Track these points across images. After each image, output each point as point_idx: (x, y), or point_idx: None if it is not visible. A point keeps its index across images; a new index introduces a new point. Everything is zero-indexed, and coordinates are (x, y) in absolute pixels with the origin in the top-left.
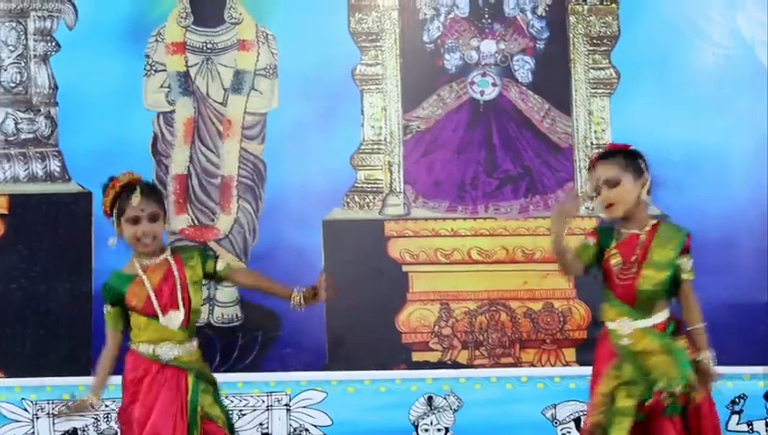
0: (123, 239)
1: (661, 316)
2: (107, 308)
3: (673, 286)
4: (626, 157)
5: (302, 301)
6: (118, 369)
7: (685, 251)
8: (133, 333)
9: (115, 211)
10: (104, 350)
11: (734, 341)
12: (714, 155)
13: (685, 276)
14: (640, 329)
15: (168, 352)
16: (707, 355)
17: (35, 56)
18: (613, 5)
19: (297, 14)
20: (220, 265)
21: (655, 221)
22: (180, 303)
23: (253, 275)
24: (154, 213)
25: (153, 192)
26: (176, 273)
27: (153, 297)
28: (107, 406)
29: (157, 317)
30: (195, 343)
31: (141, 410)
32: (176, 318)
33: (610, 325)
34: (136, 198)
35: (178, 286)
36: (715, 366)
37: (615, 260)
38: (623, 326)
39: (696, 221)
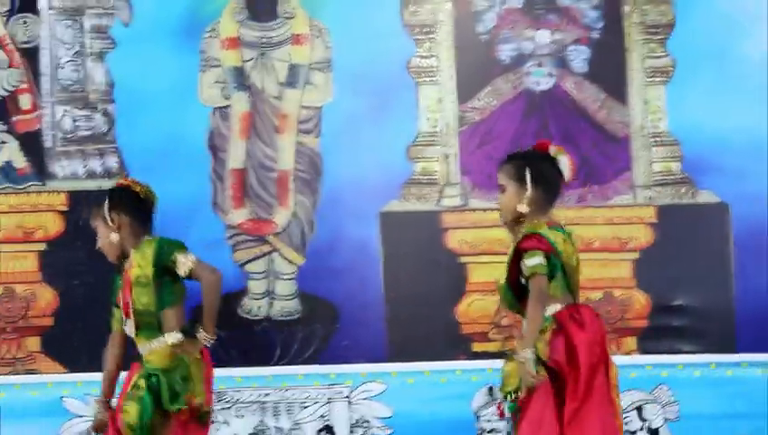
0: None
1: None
2: (113, 309)
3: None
4: (516, 165)
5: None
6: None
7: (522, 252)
8: None
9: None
10: (105, 352)
11: None
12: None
13: (523, 278)
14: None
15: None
16: (522, 355)
17: (92, 54)
18: None
19: (350, 7)
20: (181, 270)
21: (527, 227)
22: (130, 308)
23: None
24: (95, 229)
25: (96, 206)
26: (128, 276)
27: (122, 302)
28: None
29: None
30: (162, 341)
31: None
32: (130, 325)
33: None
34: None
35: (128, 291)
36: (530, 366)
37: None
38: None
39: (755, 208)
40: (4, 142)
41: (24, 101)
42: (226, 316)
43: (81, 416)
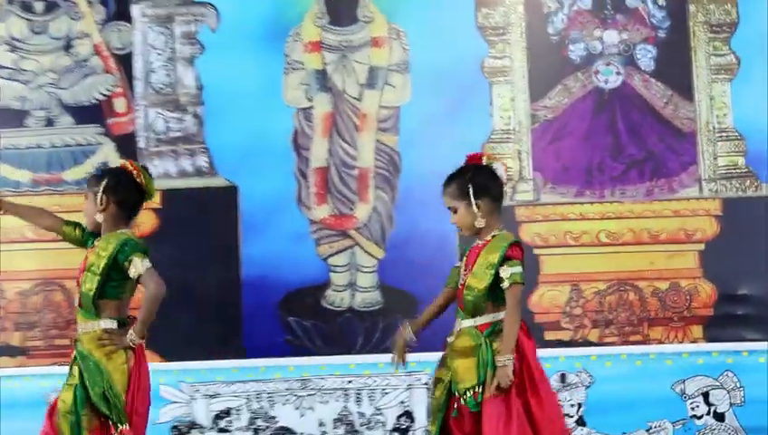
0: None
1: (485, 319)
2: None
3: (500, 292)
4: (458, 184)
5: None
6: None
7: (506, 259)
8: None
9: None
10: None
11: None
12: None
13: (503, 284)
14: (464, 328)
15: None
16: (502, 359)
17: (182, 59)
18: None
19: (426, 11)
20: (132, 271)
21: (496, 232)
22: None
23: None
24: (85, 196)
25: (93, 179)
26: (87, 256)
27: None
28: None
29: None
30: (96, 325)
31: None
32: (76, 299)
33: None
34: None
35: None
36: (510, 370)
37: (460, 265)
38: (457, 325)
39: None
40: (100, 144)
41: (119, 104)
42: (311, 307)
43: (176, 402)
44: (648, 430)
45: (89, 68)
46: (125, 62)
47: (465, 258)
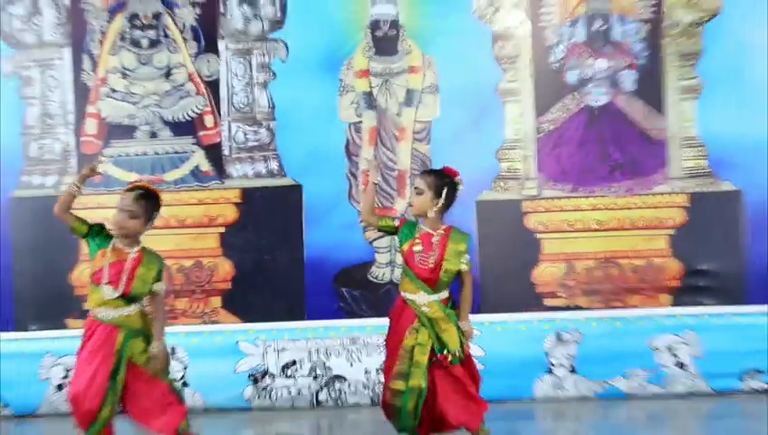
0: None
1: (444, 293)
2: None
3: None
4: (437, 178)
5: (155, 353)
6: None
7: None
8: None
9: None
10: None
11: None
12: None
13: (464, 268)
14: (432, 301)
15: (106, 314)
16: (467, 324)
17: (257, 83)
18: (698, 29)
19: (452, 44)
20: (155, 287)
21: (446, 227)
22: (120, 282)
23: (157, 307)
24: (132, 212)
25: (143, 197)
26: (127, 263)
27: (110, 271)
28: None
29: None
30: (132, 307)
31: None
32: (111, 292)
33: (409, 296)
34: (125, 194)
35: (125, 271)
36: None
37: (417, 248)
38: (421, 298)
39: (761, 194)
40: (193, 152)
41: (208, 120)
42: (360, 281)
43: (251, 355)
44: (624, 376)
45: (184, 91)
46: (213, 86)
47: (419, 241)
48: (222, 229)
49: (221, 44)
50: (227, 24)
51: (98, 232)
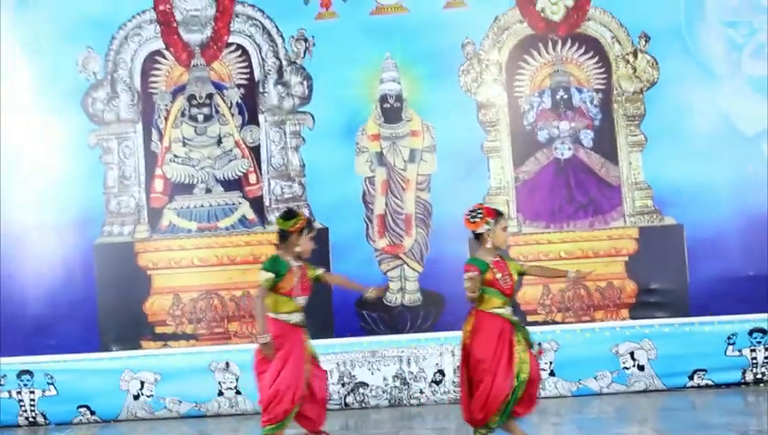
0: (299, 247)
1: None
2: (269, 276)
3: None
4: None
5: (371, 294)
6: None
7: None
8: (277, 306)
9: (303, 231)
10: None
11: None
12: (708, 186)
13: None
14: (510, 311)
15: (296, 318)
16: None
17: (291, 147)
18: (641, 96)
19: (445, 113)
20: (318, 272)
21: (499, 254)
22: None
23: (338, 277)
24: (304, 239)
25: (310, 226)
26: (305, 273)
27: (301, 284)
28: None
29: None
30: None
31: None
32: (303, 300)
33: (498, 311)
34: (310, 231)
35: (305, 281)
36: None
37: (499, 275)
38: (508, 310)
39: (700, 227)
40: (240, 203)
41: (252, 178)
42: (376, 304)
43: None
44: (594, 378)
45: (232, 155)
46: (255, 151)
47: (493, 269)
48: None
49: (261, 117)
50: (266, 101)
51: (276, 275)
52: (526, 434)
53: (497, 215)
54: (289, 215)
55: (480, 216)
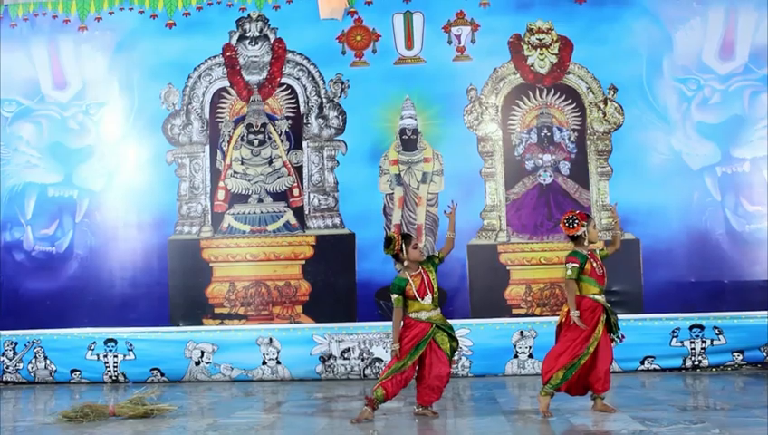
0: (407, 259)
1: None
2: (398, 297)
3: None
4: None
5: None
6: None
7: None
8: (409, 307)
9: (403, 246)
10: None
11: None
12: (661, 208)
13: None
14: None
15: (424, 315)
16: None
17: (327, 168)
18: (609, 135)
19: (451, 144)
20: (437, 254)
21: (591, 247)
22: (428, 290)
23: (445, 245)
24: (416, 244)
25: (409, 239)
26: (424, 277)
27: (415, 290)
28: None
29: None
30: (438, 310)
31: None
32: (428, 299)
33: (597, 297)
34: (412, 239)
35: (427, 284)
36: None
37: (595, 265)
38: (602, 297)
39: (654, 241)
40: (285, 212)
41: (295, 192)
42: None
43: (321, 344)
44: None
45: (280, 173)
46: (298, 170)
47: (590, 260)
48: (303, 262)
49: (304, 143)
50: (308, 131)
51: (400, 286)
52: (608, 406)
53: (588, 218)
54: (387, 243)
55: (576, 221)
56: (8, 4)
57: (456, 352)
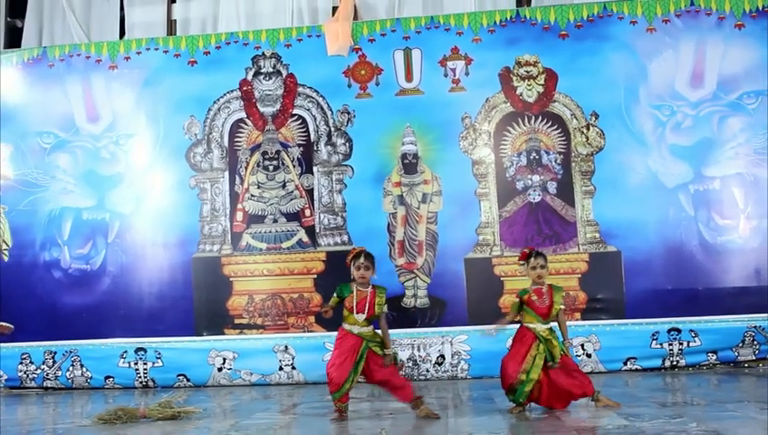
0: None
1: (552, 323)
2: (335, 297)
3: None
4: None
5: (390, 360)
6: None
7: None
8: (345, 318)
9: (352, 263)
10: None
11: None
12: (640, 223)
13: (561, 308)
14: (547, 328)
15: (356, 329)
16: (565, 343)
17: (335, 190)
18: (592, 157)
19: (449, 167)
20: (385, 309)
21: (548, 284)
22: (365, 310)
23: (383, 323)
24: (367, 266)
25: (369, 256)
26: (368, 298)
27: (354, 305)
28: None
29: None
30: (371, 328)
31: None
32: (361, 316)
33: (530, 325)
34: (362, 258)
35: (367, 304)
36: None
37: (535, 298)
38: (539, 326)
39: (631, 250)
40: (298, 230)
41: (307, 212)
42: (396, 306)
43: (331, 351)
44: None
45: (293, 195)
46: (309, 192)
47: (533, 292)
48: (315, 276)
49: (315, 168)
50: (319, 157)
51: (341, 293)
52: (610, 401)
53: (528, 257)
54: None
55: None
56: (47, 47)
57: (398, 358)
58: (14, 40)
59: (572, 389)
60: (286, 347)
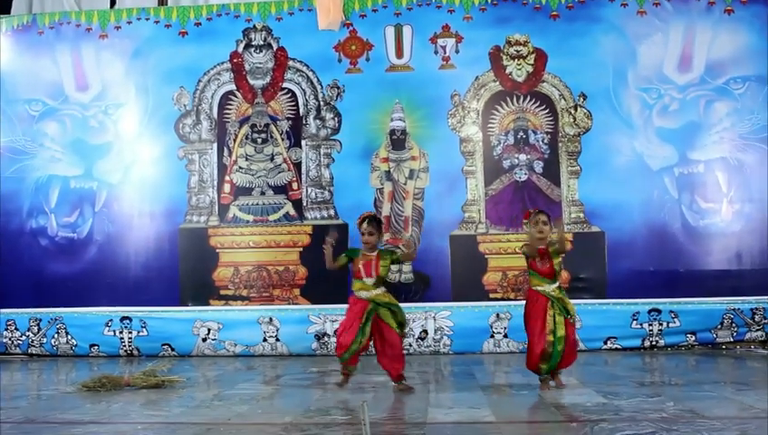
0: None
1: (559, 281)
2: (344, 256)
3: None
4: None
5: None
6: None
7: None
8: (353, 286)
9: (363, 225)
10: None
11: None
12: (624, 204)
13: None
14: (556, 287)
15: (364, 293)
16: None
17: (323, 165)
18: (578, 138)
19: (436, 144)
20: (395, 257)
21: (548, 244)
22: (372, 272)
23: (403, 256)
24: (371, 231)
25: (374, 221)
26: (373, 261)
27: (360, 267)
28: None
29: (362, 278)
30: (382, 289)
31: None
32: (369, 280)
33: (539, 288)
34: (366, 223)
35: (373, 266)
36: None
37: (539, 259)
38: (548, 287)
39: (617, 233)
40: (285, 203)
41: (294, 185)
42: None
43: (316, 323)
44: None
45: (281, 168)
46: (297, 166)
47: (538, 253)
48: (301, 249)
49: (303, 142)
50: (307, 131)
51: (349, 254)
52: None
53: (529, 215)
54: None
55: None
56: (37, 14)
57: (407, 326)
58: (3, 6)
59: (571, 354)
60: (271, 319)
